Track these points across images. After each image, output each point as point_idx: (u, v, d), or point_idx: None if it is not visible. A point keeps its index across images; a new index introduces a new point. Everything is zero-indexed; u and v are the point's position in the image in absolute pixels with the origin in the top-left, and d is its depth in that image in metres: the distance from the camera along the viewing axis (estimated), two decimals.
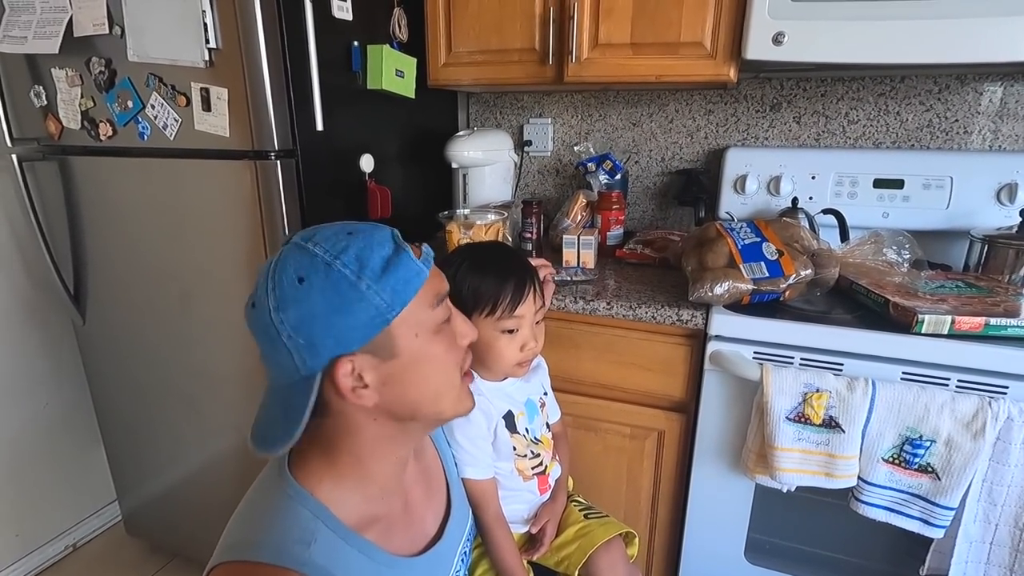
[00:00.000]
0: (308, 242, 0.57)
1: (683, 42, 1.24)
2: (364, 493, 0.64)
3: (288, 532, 0.57)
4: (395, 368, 0.59)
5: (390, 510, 0.67)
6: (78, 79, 1.22)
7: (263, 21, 1.04)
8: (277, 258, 0.58)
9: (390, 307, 0.56)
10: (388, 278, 0.56)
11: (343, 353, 0.56)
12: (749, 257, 1.08)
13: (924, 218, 1.33)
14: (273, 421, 0.59)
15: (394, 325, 0.57)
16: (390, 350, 0.58)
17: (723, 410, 1.09)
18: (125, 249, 1.32)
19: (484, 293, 0.82)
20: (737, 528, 1.16)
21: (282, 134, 1.11)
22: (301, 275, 0.56)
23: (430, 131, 1.61)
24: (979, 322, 0.92)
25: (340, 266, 0.56)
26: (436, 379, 0.62)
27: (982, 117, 1.36)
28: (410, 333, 0.59)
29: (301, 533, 0.58)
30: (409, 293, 0.57)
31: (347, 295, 0.55)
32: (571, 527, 0.99)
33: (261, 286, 0.58)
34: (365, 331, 0.56)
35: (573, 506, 1.05)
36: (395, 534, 0.67)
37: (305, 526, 0.58)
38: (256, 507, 0.62)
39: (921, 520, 0.96)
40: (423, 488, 0.76)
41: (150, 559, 1.69)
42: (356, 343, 0.56)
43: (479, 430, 0.87)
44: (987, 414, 0.88)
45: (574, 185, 1.75)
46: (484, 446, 0.87)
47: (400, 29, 1.39)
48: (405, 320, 0.58)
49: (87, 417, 1.66)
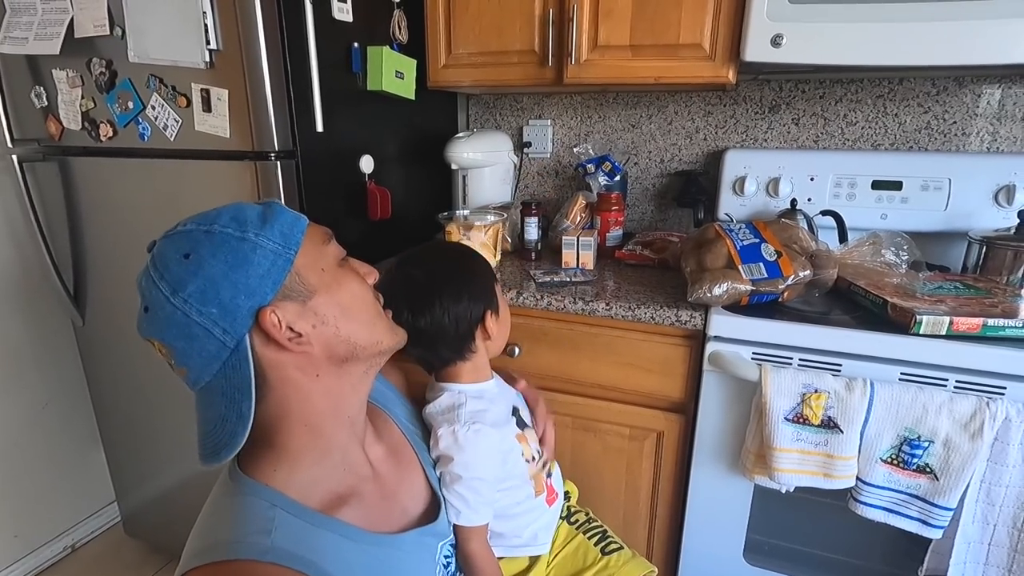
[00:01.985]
0: (174, 230, 0.59)
1: (682, 44, 1.24)
2: (325, 468, 0.63)
3: (245, 526, 0.56)
4: (318, 305, 0.59)
5: (359, 485, 0.66)
6: (79, 80, 1.22)
7: (263, 22, 1.04)
8: (150, 259, 0.58)
9: (286, 247, 0.58)
10: (272, 225, 0.58)
11: (261, 305, 0.56)
12: (748, 258, 1.08)
13: (922, 219, 1.33)
14: (219, 419, 0.58)
15: (297, 265, 0.58)
16: (305, 289, 0.59)
17: (722, 411, 1.10)
18: (125, 250, 1.32)
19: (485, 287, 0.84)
20: (736, 529, 1.16)
21: (282, 135, 1.11)
22: (185, 251, 0.55)
23: (430, 132, 1.61)
24: (977, 323, 0.92)
25: (220, 228, 0.56)
26: (359, 307, 0.64)
27: (980, 119, 1.37)
28: (316, 268, 0.60)
29: (258, 523, 0.57)
30: (297, 234, 0.59)
31: (239, 248, 0.55)
32: (588, 570, 0.93)
33: (146, 288, 0.56)
34: (272, 277, 0.56)
35: (587, 539, 0.99)
36: (371, 512, 0.66)
37: (262, 515, 0.57)
38: (211, 513, 0.61)
39: (919, 521, 0.96)
40: (392, 464, 0.74)
41: (149, 560, 1.69)
42: (269, 291, 0.56)
43: (488, 469, 0.79)
44: (985, 415, 0.88)
45: (573, 186, 1.75)
46: (484, 490, 0.79)
47: (400, 31, 1.39)
48: (305, 258, 0.59)
49: (86, 418, 1.66)
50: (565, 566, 0.95)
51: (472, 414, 0.79)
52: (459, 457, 0.76)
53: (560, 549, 0.97)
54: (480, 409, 0.81)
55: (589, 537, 1.00)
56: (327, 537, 0.59)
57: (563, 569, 0.95)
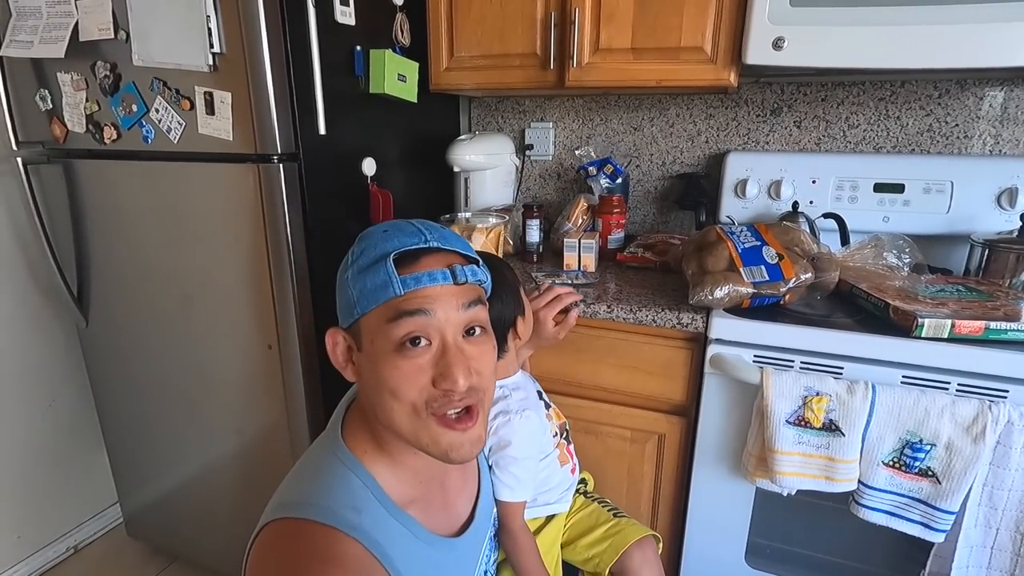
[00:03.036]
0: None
1: (684, 47, 1.24)
2: (406, 471, 0.65)
3: (340, 498, 0.59)
4: (362, 361, 0.62)
5: (427, 492, 0.68)
6: (83, 83, 1.23)
7: (266, 26, 1.05)
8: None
9: (357, 303, 0.60)
10: (362, 278, 0.60)
11: (338, 325, 0.64)
12: (749, 261, 1.08)
13: (924, 222, 1.33)
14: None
15: (363, 322, 0.60)
16: (359, 342, 0.62)
17: (723, 413, 1.09)
18: (128, 252, 1.33)
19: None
20: (737, 532, 1.15)
21: (285, 138, 1.12)
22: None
23: (432, 135, 1.62)
24: (979, 326, 0.92)
25: (352, 247, 0.63)
26: (386, 394, 0.59)
27: (982, 122, 1.37)
28: (369, 336, 0.60)
29: (353, 500, 0.59)
30: (371, 300, 0.59)
31: (342, 276, 0.63)
32: (601, 526, 1.02)
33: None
34: (346, 314, 0.63)
35: (600, 506, 1.06)
36: (432, 515, 0.68)
37: (357, 494, 0.60)
38: (310, 470, 0.64)
39: (921, 524, 0.95)
40: (460, 473, 0.76)
41: (151, 561, 1.70)
42: (343, 322, 0.63)
43: (532, 450, 0.87)
44: (987, 418, 0.88)
45: (575, 189, 1.75)
46: (532, 469, 0.88)
47: (402, 34, 1.39)
48: (369, 322, 0.60)
49: (89, 419, 1.66)
50: (579, 524, 1.04)
51: (520, 403, 0.88)
52: (516, 441, 0.84)
53: (576, 514, 1.06)
54: (523, 397, 0.90)
55: (602, 506, 1.08)
56: (400, 531, 0.62)
57: (577, 526, 1.04)
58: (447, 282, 0.59)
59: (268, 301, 1.21)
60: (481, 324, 0.63)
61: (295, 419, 1.28)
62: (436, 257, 0.60)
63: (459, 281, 0.60)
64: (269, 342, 1.24)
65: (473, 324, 0.62)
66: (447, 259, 0.61)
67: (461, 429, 0.59)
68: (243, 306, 1.24)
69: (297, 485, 0.62)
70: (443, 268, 0.59)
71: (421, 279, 0.58)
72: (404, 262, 0.59)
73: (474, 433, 0.60)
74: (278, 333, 1.22)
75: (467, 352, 0.60)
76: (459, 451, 0.60)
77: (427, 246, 0.60)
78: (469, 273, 0.61)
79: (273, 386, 1.27)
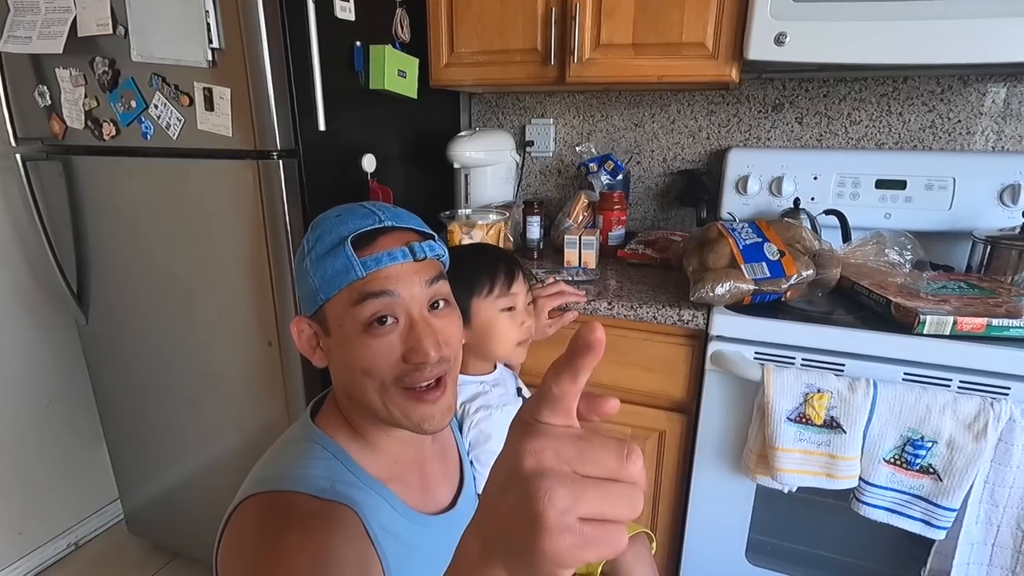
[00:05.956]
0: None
1: (685, 42, 1.24)
2: (374, 456, 0.66)
3: (311, 468, 0.60)
4: (330, 345, 0.63)
5: (404, 473, 0.69)
6: (82, 79, 1.22)
7: (266, 21, 1.04)
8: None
9: (320, 290, 0.61)
10: (322, 264, 0.60)
11: (303, 313, 0.65)
12: (751, 257, 1.08)
13: (926, 219, 1.33)
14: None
15: (327, 308, 0.61)
16: (326, 327, 0.63)
17: (724, 410, 1.09)
18: (128, 248, 1.33)
19: (480, 275, 0.88)
20: (738, 529, 1.15)
21: (284, 134, 1.12)
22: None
23: (432, 131, 1.61)
24: (981, 323, 0.92)
25: (306, 235, 0.64)
26: (359, 373, 0.61)
27: (985, 118, 1.36)
28: (336, 320, 0.61)
29: (323, 470, 0.61)
30: (333, 285, 0.60)
31: (300, 265, 0.63)
32: None
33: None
34: (309, 303, 0.63)
35: None
36: (410, 494, 0.68)
37: (326, 464, 0.61)
38: (279, 451, 0.65)
39: (922, 521, 0.95)
40: (440, 460, 0.77)
41: (152, 558, 1.70)
42: (306, 310, 0.64)
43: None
44: (989, 415, 0.88)
45: (576, 185, 1.75)
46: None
47: (402, 29, 1.39)
48: (334, 307, 0.61)
49: (89, 416, 1.66)
50: None
51: (499, 397, 0.90)
52: (496, 436, 0.85)
53: None
54: (503, 392, 0.92)
55: None
56: (375, 499, 0.62)
57: None
58: (407, 260, 0.61)
59: (268, 297, 1.21)
60: (444, 297, 0.65)
61: (295, 416, 1.27)
62: (392, 236, 0.62)
63: (418, 258, 0.61)
64: (269, 338, 1.24)
65: (436, 298, 0.64)
66: (404, 237, 0.62)
67: (431, 400, 0.62)
68: (243, 302, 1.24)
69: (269, 464, 0.63)
70: (401, 247, 0.61)
71: (381, 259, 0.59)
72: (361, 244, 0.60)
73: (444, 403, 0.63)
74: (278, 329, 1.22)
75: (435, 325, 0.62)
76: (431, 421, 0.62)
77: (382, 226, 0.61)
78: (427, 249, 0.62)
79: (273, 383, 1.27)
